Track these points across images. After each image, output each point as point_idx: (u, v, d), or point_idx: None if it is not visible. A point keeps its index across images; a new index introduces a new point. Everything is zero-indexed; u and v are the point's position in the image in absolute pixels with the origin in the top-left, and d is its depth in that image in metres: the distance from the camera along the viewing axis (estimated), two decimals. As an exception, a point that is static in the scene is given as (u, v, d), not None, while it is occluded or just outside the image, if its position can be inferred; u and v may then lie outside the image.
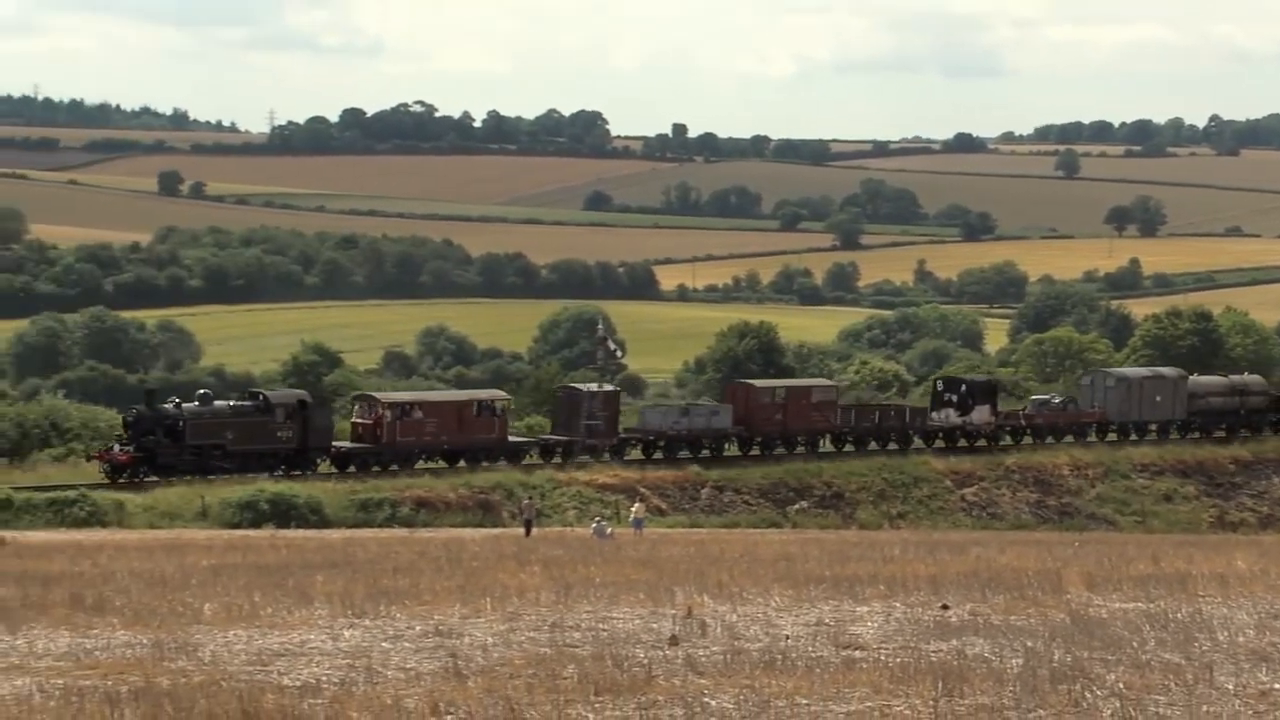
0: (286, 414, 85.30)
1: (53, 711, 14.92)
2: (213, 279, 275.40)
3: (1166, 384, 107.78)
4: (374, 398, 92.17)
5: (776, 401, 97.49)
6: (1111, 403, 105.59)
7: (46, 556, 42.09)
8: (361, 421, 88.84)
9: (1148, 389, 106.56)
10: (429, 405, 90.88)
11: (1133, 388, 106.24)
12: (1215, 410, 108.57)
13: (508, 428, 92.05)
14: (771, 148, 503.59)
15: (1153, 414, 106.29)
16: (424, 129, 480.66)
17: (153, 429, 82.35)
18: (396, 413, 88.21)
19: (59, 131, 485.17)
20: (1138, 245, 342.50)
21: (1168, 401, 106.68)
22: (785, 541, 54.89)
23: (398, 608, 25.33)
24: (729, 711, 14.98)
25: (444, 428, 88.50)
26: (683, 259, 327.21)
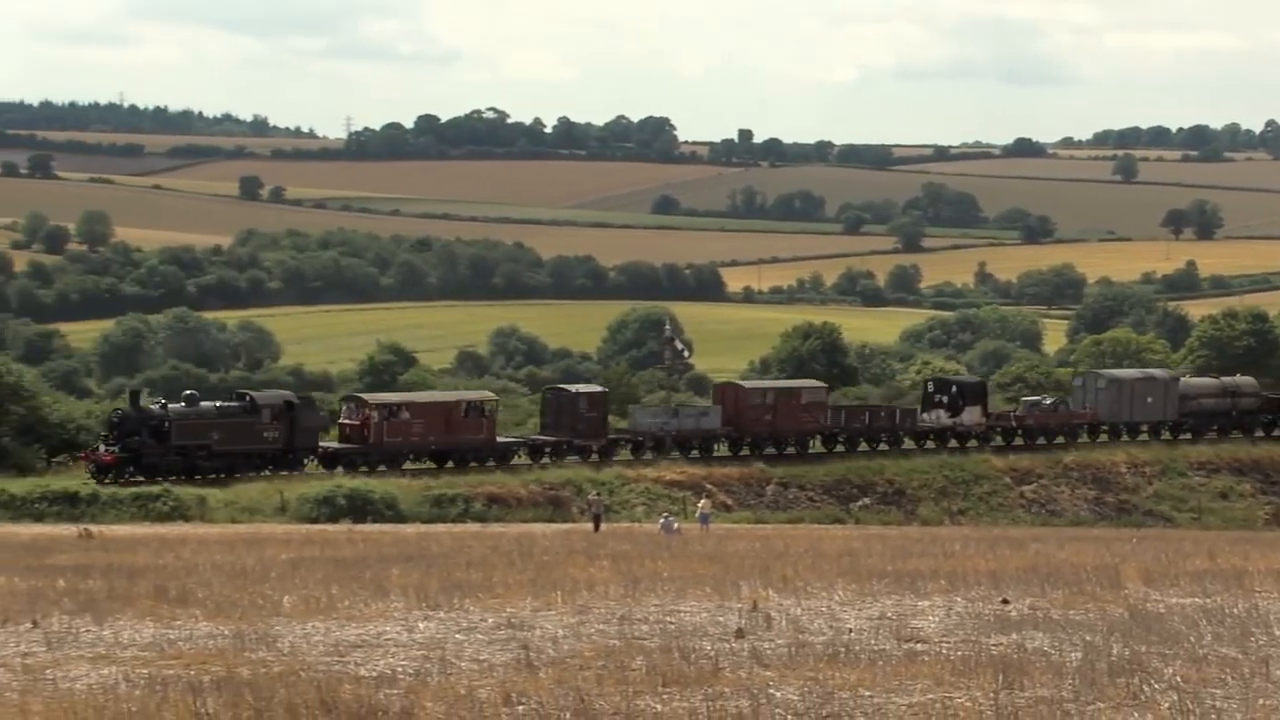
0: (273, 415, 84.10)
1: (138, 700, 14.98)
2: (291, 280, 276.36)
3: (1157, 385, 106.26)
4: (361, 398, 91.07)
5: (766, 403, 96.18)
6: (1103, 404, 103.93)
7: (132, 550, 42.28)
8: (349, 422, 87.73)
9: (1139, 390, 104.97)
10: (416, 406, 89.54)
11: (1124, 389, 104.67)
12: (1207, 411, 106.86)
13: (496, 429, 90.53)
14: (835, 153, 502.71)
15: (1144, 415, 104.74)
16: (496, 135, 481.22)
17: (138, 429, 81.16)
18: (384, 414, 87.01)
19: (144, 138, 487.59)
20: (1194, 248, 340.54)
21: (1159, 403, 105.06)
22: (848, 537, 54.77)
23: (471, 600, 25.35)
24: (794, 703, 14.95)
25: (431, 428, 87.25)
26: (748, 261, 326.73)
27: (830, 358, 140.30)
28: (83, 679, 16.77)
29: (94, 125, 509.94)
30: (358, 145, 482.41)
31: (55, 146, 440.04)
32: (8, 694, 15.64)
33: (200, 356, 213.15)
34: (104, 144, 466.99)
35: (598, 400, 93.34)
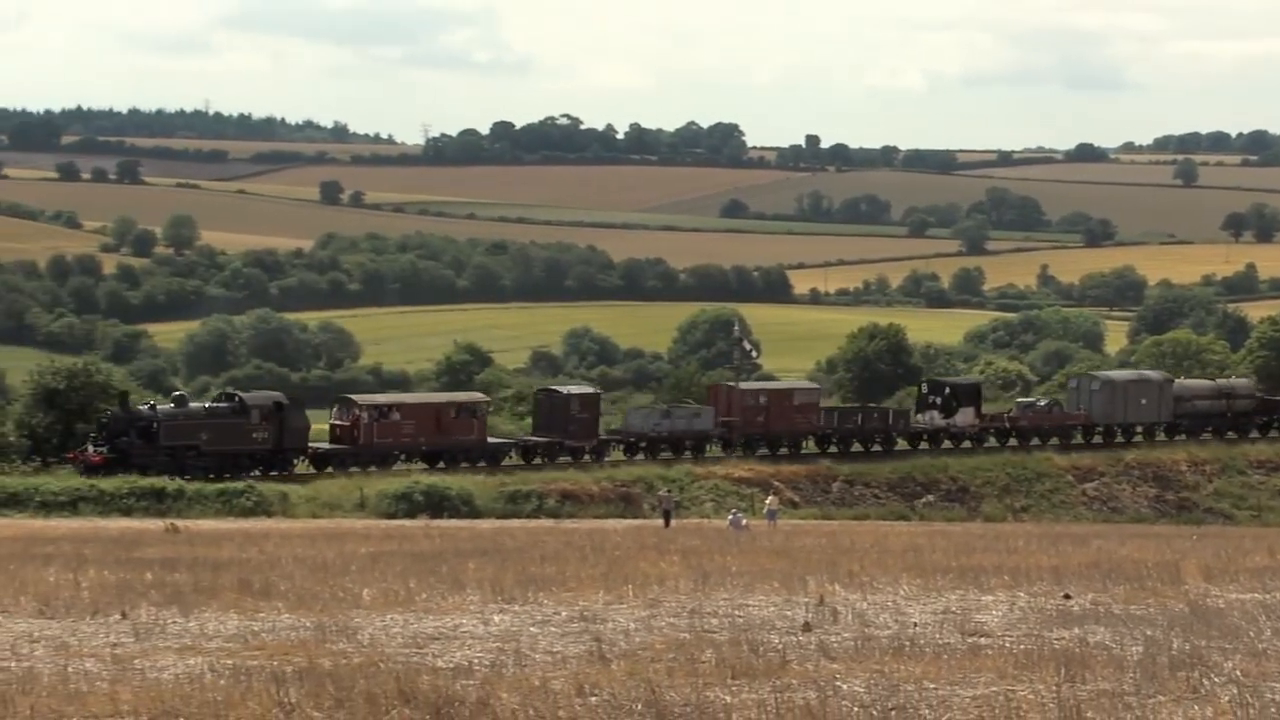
0: (262, 415, 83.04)
1: (222, 690, 15.05)
2: (371, 283, 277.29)
3: (1151, 387, 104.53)
4: (351, 399, 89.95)
5: (759, 404, 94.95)
6: (1096, 405, 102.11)
7: (216, 544, 42.48)
8: (339, 423, 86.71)
9: (1132, 392, 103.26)
10: (407, 407, 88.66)
11: (1117, 390, 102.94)
12: (1201, 413, 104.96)
13: (487, 430, 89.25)
14: (900, 157, 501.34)
15: (1138, 416, 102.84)
16: (570, 141, 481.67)
17: (126, 430, 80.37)
18: (374, 414, 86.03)
19: (228, 144, 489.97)
20: (1253, 250, 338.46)
21: (1153, 404, 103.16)
22: (913, 533, 54.64)
23: (545, 594, 25.38)
24: (860, 695, 14.93)
25: (422, 429, 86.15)
26: (815, 264, 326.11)
27: (895, 358, 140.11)
28: (170, 669, 16.86)
29: (180, 132, 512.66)
30: (435, 151, 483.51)
31: (143, 153, 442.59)
32: (98, 683, 15.74)
33: (282, 356, 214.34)
34: (190, 150, 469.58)
35: (590, 401, 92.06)
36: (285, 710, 13.80)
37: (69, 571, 29.89)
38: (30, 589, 26.12)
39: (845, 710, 13.88)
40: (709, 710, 14.01)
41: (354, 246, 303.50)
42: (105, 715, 13.84)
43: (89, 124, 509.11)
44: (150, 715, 13.74)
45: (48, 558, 34.88)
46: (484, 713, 13.68)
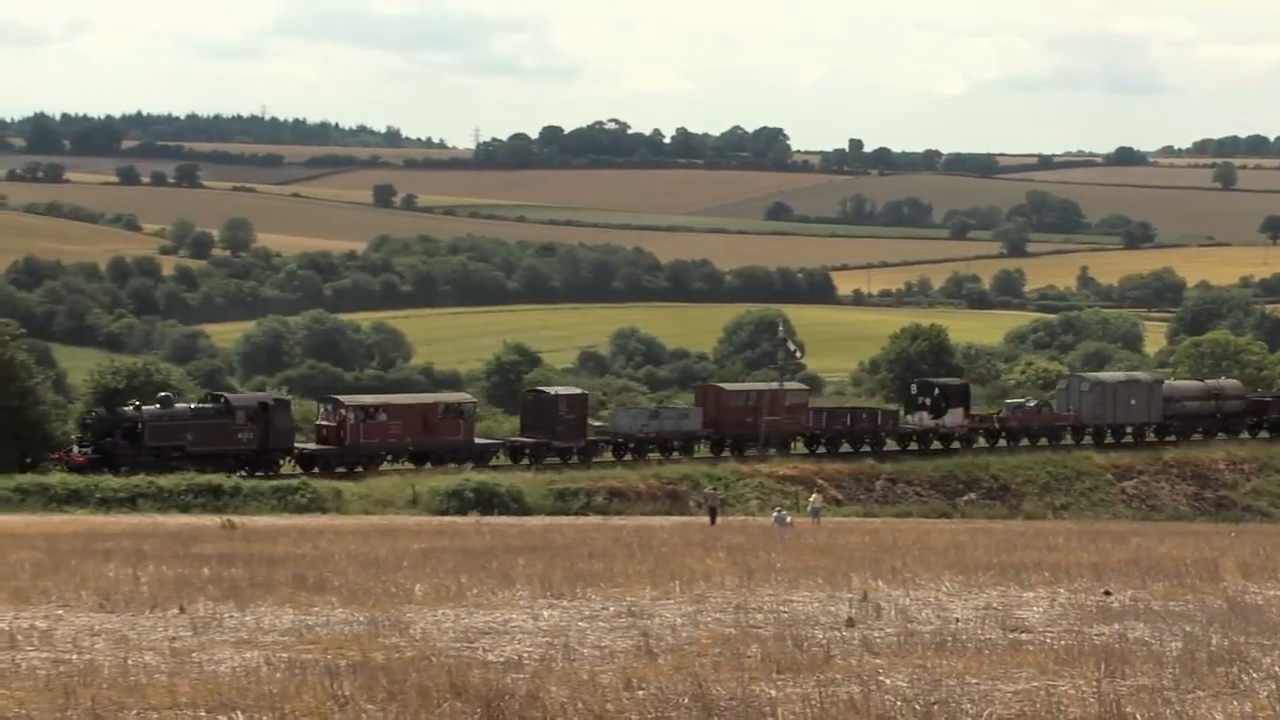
0: (248, 416, 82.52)
1: (278, 683, 15.09)
2: (422, 284, 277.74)
3: (1141, 388, 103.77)
4: (338, 400, 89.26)
5: (748, 404, 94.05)
6: (1086, 406, 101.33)
7: (272, 540, 42.60)
8: (325, 424, 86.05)
9: (1121, 393, 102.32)
10: (393, 408, 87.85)
11: (1106, 391, 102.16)
12: (1191, 414, 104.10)
13: (474, 430, 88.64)
14: (942, 161, 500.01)
15: (1127, 417, 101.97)
16: (617, 145, 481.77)
17: (111, 431, 79.93)
18: (360, 415, 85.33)
19: (284, 148, 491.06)
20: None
21: (1142, 405, 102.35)
22: (955, 531, 54.53)
23: (593, 590, 25.39)
24: (903, 690, 14.90)
25: (408, 430, 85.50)
26: (858, 265, 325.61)
27: (937, 358, 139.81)
28: (226, 662, 16.91)
29: (237, 137, 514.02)
30: (486, 155, 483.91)
31: (201, 157, 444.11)
32: (157, 676, 15.80)
33: (336, 356, 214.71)
34: (246, 155, 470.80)
35: (577, 402, 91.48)
36: (339, 703, 13.83)
37: (129, 566, 30.01)
38: (91, 583, 26.23)
39: (888, 704, 13.85)
40: (754, 704, 14.00)
41: (406, 249, 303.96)
42: (164, 707, 13.88)
43: (148, 129, 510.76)
44: (208, 707, 13.78)
45: (108, 553, 35.02)
46: (534, 706, 13.69)
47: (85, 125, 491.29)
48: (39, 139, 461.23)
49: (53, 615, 21.94)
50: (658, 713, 13.66)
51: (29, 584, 26.35)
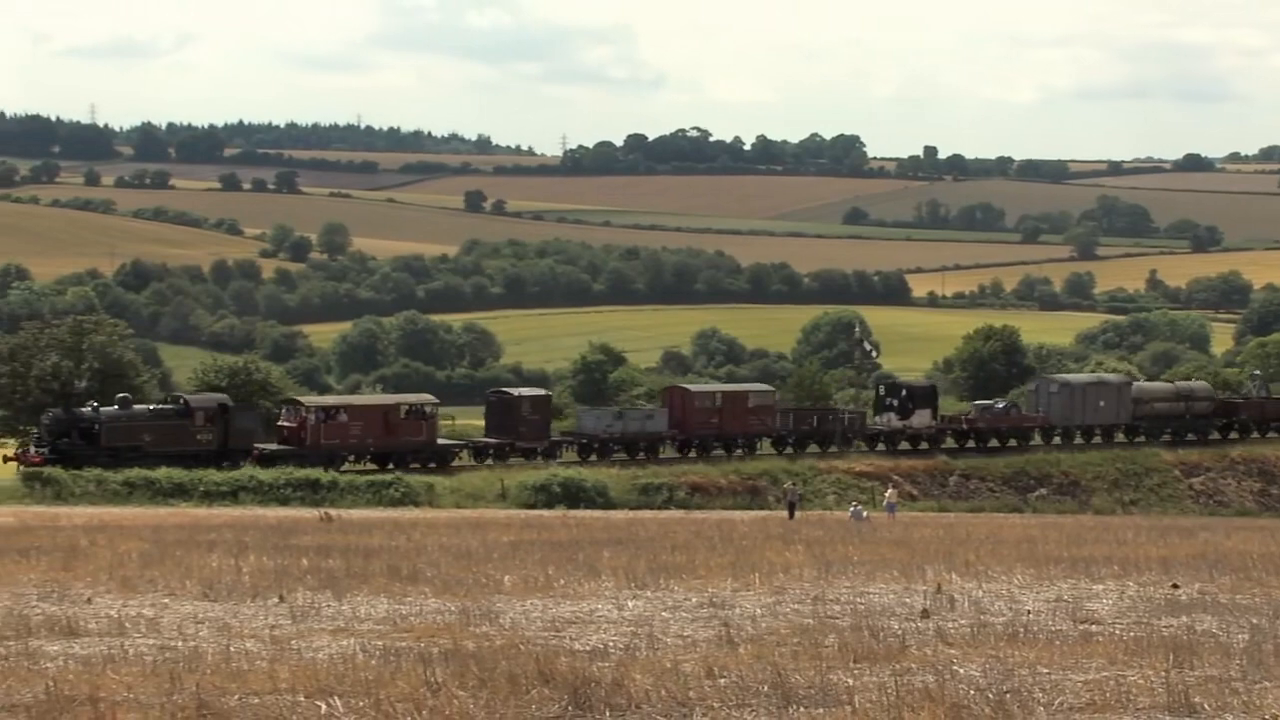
0: (207, 417, 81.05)
1: (374, 670, 15.16)
2: (511, 286, 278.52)
3: (1110, 390, 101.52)
4: (298, 401, 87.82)
5: (714, 405, 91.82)
6: (1055, 408, 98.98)
7: (367, 532, 42.78)
8: (286, 424, 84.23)
9: (1090, 395, 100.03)
10: (354, 409, 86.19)
11: (1075, 393, 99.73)
12: (1161, 415, 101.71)
13: (437, 431, 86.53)
14: (1015, 167, 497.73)
15: (1096, 419, 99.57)
16: (700, 152, 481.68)
17: (68, 431, 78.37)
18: (320, 416, 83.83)
19: (378, 156, 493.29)
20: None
21: (1111, 407, 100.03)
22: (1026, 525, 54.27)
23: (675, 581, 25.39)
24: (976, 679, 14.84)
25: (369, 430, 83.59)
26: (932, 268, 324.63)
27: (1009, 358, 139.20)
28: (324, 649, 16.99)
29: (334, 145, 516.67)
30: (573, 162, 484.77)
31: (300, 164, 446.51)
32: (258, 662, 15.89)
33: (428, 355, 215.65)
34: (343, 162, 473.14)
35: (540, 403, 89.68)
36: (432, 689, 13.88)
37: (231, 557, 30.19)
38: (195, 573, 26.40)
39: (962, 693, 13.80)
40: (832, 692, 13.97)
41: (496, 252, 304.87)
42: (265, 692, 13.96)
43: (250, 138, 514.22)
44: (306, 693, 13.85)
45: (211, 544, 35.24)
46: (619, 693, 13.70)
47: (190, 134, 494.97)
48: (146, 147, 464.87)
49: (159, 604, 22.09)
50: (738, 700, 13.65)
51: (136, 574, 26.55)
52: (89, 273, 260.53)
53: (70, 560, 29.79)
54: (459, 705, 13.22)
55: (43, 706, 13.06)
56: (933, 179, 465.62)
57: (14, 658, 16.18)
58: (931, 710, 13.07)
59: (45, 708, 13.00)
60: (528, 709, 13.25)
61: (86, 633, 18.58)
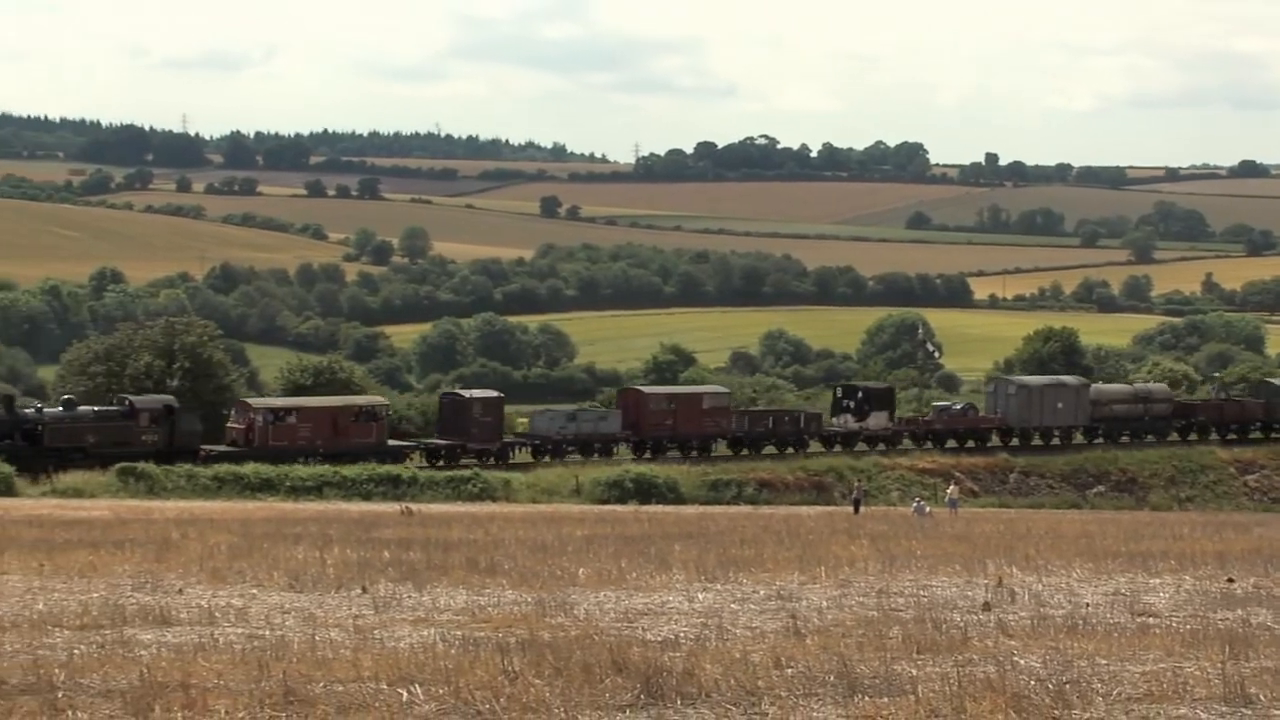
0: (151, 418, 79.40)
1: (453, 658, 15.20)
2: (585, 289, 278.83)
3: (1068, 391, 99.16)
4: (247, 403, 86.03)
5: (668, 407, 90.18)
6: (1012, 409, 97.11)
7: (446, 525, 42.89)
8: (235, 426, 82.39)
9: (1048, 396, 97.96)
10: (304, 411, 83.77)
11: (1033, 395, 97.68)
12: (1119, 417, 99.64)
13: (386, 433, 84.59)
14: (1074, 174, 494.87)
15: (1054, 420, 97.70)
16: (767, 159, 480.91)
17: (11, 433, 76.30)
18: (269, 418, 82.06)
19: (457, 163, 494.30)
20: None
21: (1069, 408, 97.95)
22: (1085, 521, 54.01)
23: (744, 574, 25.37)
24: (1036, 669, 14.79)
25: (319, 432, 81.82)
26: (993, 272, 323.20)
27: (1069, 359, 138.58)
28: (405, 638, 17.05)
29: (415, 152, 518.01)
30: (644, 169, 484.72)
31: (382, 171, 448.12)
32: (342, 651, 15.96)
33: (505, 355, 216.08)
34: (423, 169, 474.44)
35: (492, 405, 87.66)
36: (510, 678, 13.91)
37: (316, 550, 30.32)
38: (281, 565, 26.53)
39: (1023, 683, 13.75)
40: (896, 682, 13.95)
41: (570, 256, 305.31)
42: (349, 680, 14.02)
43: (334, 146, 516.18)
44: (388, 680, 13.91)
45: (297, 537, 35.41)
46: (690, 682, 13.70)
47: (277, 143, 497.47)
48: (235, 155, 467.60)
49: (247, 594, 22.22)
50: (805, 689, 13.63)
51: (225, 565, 26.71)
52: (180, 276, 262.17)
53: (163, 552, 29.98)
54: (535, 693, 13.25)
55: (137, 692, 13.15)
56: (994, 185, 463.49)
57: (110, 646, 16.31)
58: (993, 700, 13.03)
59: (140, 693, 13.09)
60: (602, 697, 13.27)
61: (178, 622, 18.70)
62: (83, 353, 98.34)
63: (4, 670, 14.42)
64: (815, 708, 12.94)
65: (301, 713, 12.59)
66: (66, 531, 37.91)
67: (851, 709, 12.87)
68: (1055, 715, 12.67)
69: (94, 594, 21.90)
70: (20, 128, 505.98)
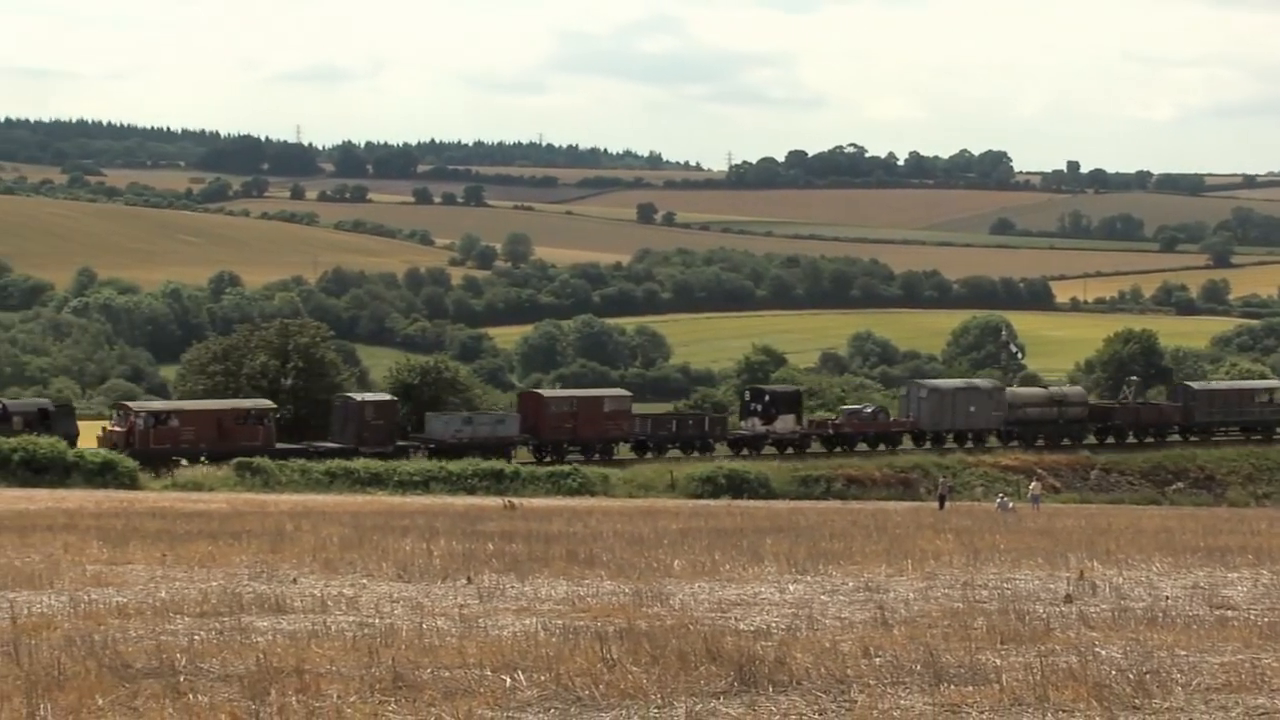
0: (25, 422, 77.88)
1: (554, 646, 15.24)
2: (680, 292, 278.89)
3: (981, 395, 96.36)
4: (127, 406, 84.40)
5: (568, 410, 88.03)
6: (924, 413, 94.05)
7: (547, 519, 42.99)
8: (115, 429, 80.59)
9: (960, 400, 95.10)
10: (186, 414, 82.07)
11: (945, 398, 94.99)
12: (1033, 420, 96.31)
13: (274, 435, 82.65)
14: (1153, 181, 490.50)
15: (967, 424, 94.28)
16: (856, 167, 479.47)
17: None
18: (150, 421, 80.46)
19: (558, 171, 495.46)
20: None
21: (983, 411, 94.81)
22: (1164, 516, 53.53)
23: (833, 567, 25.30)
24: (1117, 660, 14.67)
25: (202, 436, 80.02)
26: (1075, 275, 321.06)
27: (1148, 360, 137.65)
28: (509, 627, 17.10)
29: (518, 161, 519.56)
30: (737, 177, 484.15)
31: (486, 179, 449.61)
32: (448, 639, 16.03)
33: (603, 356, 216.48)
34: (525, 177, 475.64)
35: (385, 408, 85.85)
36: (608, 665, 13.93)
37: (422, 541, 30.45)
38: (390, 556, 26.67)
39: (1104, 673, 13.65)
40: (981, 671, 13.87)
41: (666, 260, 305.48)
42: (455, 666, 14.08)
43: (440, 155, 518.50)
44: (492, 667, 13.95)
45: (405, 530, 35.58)
46: (781, 670, 13.68)
47: (386, 152, 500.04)
48: (346, 164, 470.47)
49: (358, 584, 22.34)
50: (893, 678, 13.59)
51: (337, 556, 26.87)
52: (294, 279, 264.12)
53: (278, 543, 30.20)
54: (633, 680, 13.26)
55: (254, 677, 13.25)
56: (1075, 192, 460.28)
57: (228, 632, 16.44)
58: (1075, 689, 12.94)
59: (256, 678, 13.20)
60: (697, 684, 13.26)
61: (293, 610, 18.83)
62: (202, 353, 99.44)
63: (129, 654, 14.58)
64: (903, 695, 12.90)
65: (409, 697, 12.65)
66: (187, 523, 38.26)
67: (938, 697, 12.82)
68: (1136, 704, 12.57)
69: (213, 583, 22.09)
70: (144, 139, 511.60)
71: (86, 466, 74.30)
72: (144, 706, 12.24)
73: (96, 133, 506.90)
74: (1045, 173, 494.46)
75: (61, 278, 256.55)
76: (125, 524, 37.06)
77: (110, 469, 74.40)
